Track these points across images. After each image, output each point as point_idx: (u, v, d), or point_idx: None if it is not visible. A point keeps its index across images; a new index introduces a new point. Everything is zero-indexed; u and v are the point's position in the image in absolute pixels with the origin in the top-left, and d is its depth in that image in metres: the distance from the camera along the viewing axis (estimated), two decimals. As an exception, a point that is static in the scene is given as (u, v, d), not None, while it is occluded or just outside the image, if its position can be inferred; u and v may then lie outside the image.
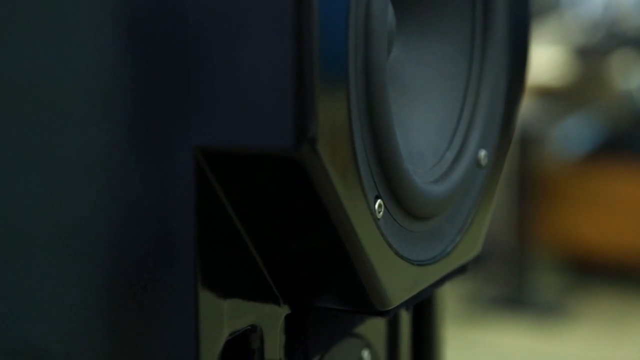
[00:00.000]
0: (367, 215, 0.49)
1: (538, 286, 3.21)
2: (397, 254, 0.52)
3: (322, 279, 0.51)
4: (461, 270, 0.59)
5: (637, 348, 2.86)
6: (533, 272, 3.24)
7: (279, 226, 0.49)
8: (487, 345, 2.91)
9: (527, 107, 2.71)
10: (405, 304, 0.54)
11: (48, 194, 0.49)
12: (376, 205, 0.50)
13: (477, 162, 0.58)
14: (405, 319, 0.63)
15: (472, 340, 2.89)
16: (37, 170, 0.49)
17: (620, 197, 3.07)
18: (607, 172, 3.08)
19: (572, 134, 3.15)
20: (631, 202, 3.06)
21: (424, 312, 0.66)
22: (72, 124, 0.48)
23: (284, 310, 0.52)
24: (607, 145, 3.12)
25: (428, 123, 0.55)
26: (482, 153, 0.59)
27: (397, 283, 0.52)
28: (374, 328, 0.61)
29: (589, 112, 3.20)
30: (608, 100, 3.19)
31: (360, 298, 0.52)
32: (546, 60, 3.06)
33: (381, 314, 0.53)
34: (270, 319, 0.52)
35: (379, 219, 0.50)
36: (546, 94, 3.06)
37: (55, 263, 0.49)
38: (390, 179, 0.50)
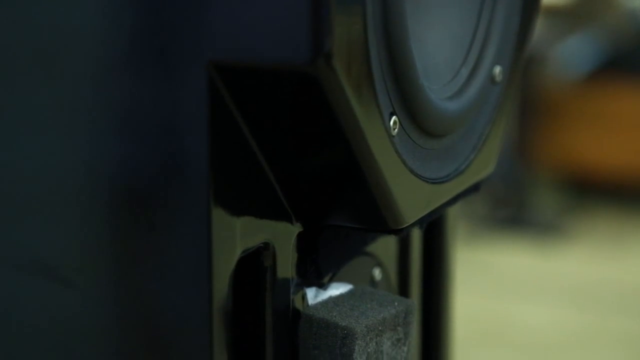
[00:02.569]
0: (382, 132, 0.48)
1: (538, 205, 3.22)
2: (411, 171, 0.51)
3: (335, 196, 0.51)
4: (474, 188, 0.59)
5: (635, 266, 2.87)
6: (533, 192, 3.24)
7: (293, 143, 0.48)
8: (486, 264, 2.92)
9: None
10: (419, 222, 0.54)
11: (57, 106, 0.48)
12: (391, 122, 0.49)
13: (492, 79, 0.57)
14: (416, 238, 0.63)
15: (472, 259, 2.91)
16: (46, 82, 0.48)
17: (622, 117, 3.06)
18: (610, 91, 3.07)
19: (574, 53, 3.13)
20: (632, 121, 3.05)
21: (435, 230, 0.66)
22: (80, 35, 0.47)
23: (296, 228, 0.52)
24: (610, 64, 3.10)
25: (444, 39, 0.54)
26: (497, 69, 0.58)
27: (411, 201, 0.52)
28: (386, 246, 0.60)
29: (592, 31, 3.17)
30: (612, 18, 3.16)
31: (374, 216, 0.51)
32: (550, -23, 3.03)
33: (394, 232, 0.53)
34: (283, 237, 0.51)
35: (393, 136, 0.49)
36: (549, 12, 3.03)
37: (65, 177, 0.49)
38: (406, 95, 0.49)
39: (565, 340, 2.71)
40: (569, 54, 3.13)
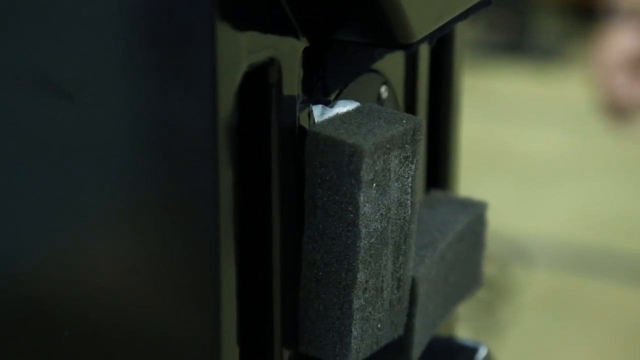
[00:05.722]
0: (393, -59, 0.46)
1: (539, 31, 3.19)
2: (422, -17, 0.50)
3: (344, 8, 0.49)
4: (486, 2, 0.57)
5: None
6: (534, 17, 3.21)
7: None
8: (487, 90, 2.91)
9: None
10: (428, 38, 0.52)
11: None
12: None
13: None
14: (424, 56, 0.61)
15: (471, 86, 2.89)
16: None
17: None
18: None
19: None
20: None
21: (444, 49, 0.64)
22: None
23: (302, 44, 0.50)
24: None
25: None
26: None
27: (421, 14, 0.50)
28: (393, 64, 0.59)
29: None
30: None
31: (383, 30, 0.50)
32: None
33: (403, 47, 0.51)
34: (289, 52, 0.50)
35: (404, -54, 0.47)
36: None
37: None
38: None
39: (563, 163, 2.73)
40: None
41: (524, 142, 2.85)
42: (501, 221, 2.39)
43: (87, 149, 0.49)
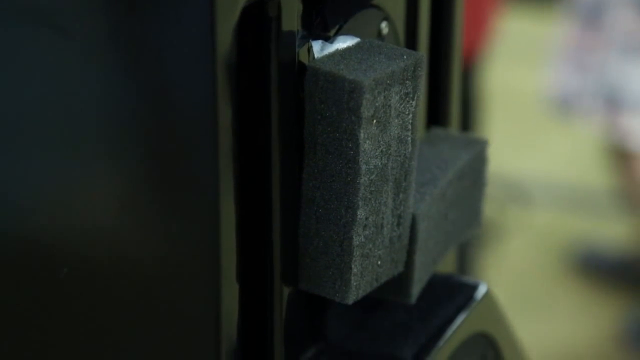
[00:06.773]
0: None
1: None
2: None
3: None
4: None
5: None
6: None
7: None
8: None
9: None
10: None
11: None
12: None
13: None
14: (425, -9, 0.61)
15: (473, 24, 2.88)
16: None
17: None
18: None
19: None
20: None
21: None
22: None
23: (302, -23, 0.50)
24: None
25: None
26: None
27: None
28: (394, 0, 0.58)
29: None
30: None
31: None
32: None
33: (404, -19, 0.50)
34: (288, -13, 0.49)
35: None
36: None
37: None
38: None
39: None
40: None
41: (526, 82, 2.84)
42: (501, 162, 2.39)
43: (85, 86, 0.48)
